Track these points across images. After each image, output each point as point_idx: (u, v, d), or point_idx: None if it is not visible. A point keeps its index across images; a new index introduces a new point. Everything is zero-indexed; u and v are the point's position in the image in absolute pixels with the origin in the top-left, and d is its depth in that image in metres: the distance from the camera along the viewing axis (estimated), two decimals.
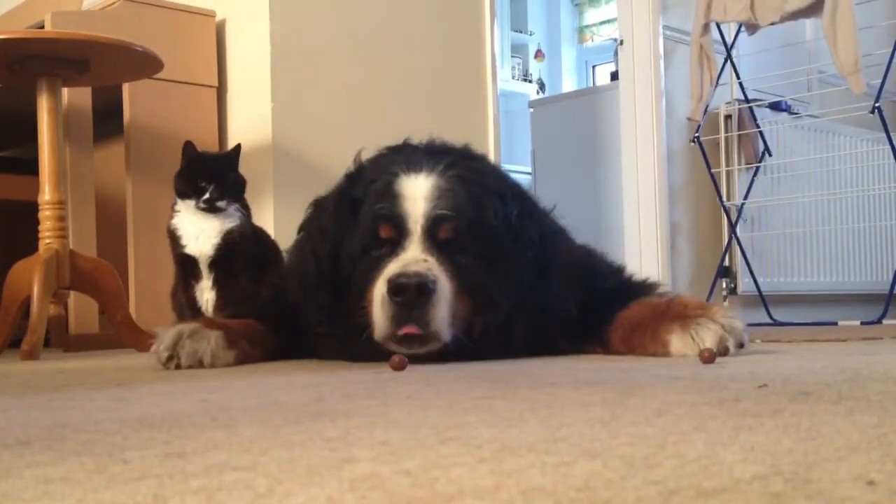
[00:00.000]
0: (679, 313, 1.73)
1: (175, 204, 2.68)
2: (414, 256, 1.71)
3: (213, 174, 2.62)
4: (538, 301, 1.83)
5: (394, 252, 1.74)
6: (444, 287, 1.68)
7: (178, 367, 1.72)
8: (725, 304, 4.36)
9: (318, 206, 1.97)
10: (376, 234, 1.77)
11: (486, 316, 1.77)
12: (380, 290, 1.68)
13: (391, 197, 1.78)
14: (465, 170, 1.85)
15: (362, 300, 1.75)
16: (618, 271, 2.06)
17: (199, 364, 1.73)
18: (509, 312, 1.81)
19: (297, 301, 1.92)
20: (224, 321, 1.91)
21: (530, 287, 1.82)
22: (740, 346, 1.68)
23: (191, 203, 2.62)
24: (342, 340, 1.82)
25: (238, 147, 2.75)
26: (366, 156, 2.01)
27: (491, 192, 1.84)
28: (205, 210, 2.61)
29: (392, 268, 1.69)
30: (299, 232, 2.03)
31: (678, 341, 1.69)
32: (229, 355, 1.79)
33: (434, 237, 1.74)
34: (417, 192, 1.77)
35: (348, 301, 1.79)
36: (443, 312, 1.67)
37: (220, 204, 2.61)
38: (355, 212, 1.84)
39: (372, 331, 1.71)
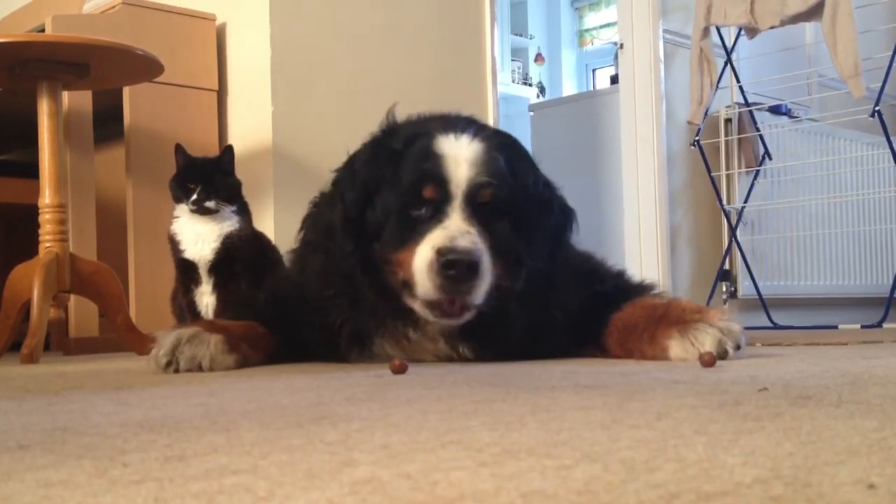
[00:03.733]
0: (677, 318, 1.73)
1: (174, 210, 2.69)
2: (460, 227, 1.73)
3: (201, 176, 2.62)
4: (547, 276, 1.87)
5: (436, 216, 1.75)
6: (487, 261, 1.72)
7: (176, 371, 1.71)
8: (725, 306, 4.36)
9: (350, 158, 1.96)
10: (419, 193, 1.77)
11: (514, 279, 1.81)
12: (426, 256, 1.70)
13: (435, 157, 1.79)
14: (502, 136, 1.92)
15: (393, 257, 1.77)
16: (617, 275, 2.07)
17: (199, 368, 1.72)
18: (547, 273, 1.86)
19: (319, 251, 1.92)
20: (225, 323, 1.89)
21: (548, 258, 1.87)
22: (737, 348, 1.68)
23: (185, 207, 2.63)
24: (365, 290, 1.83)
25: (229, 148, 2.75)
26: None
27: (525, 161, 1.91)
28: (195, 211, 2.61)
29: (440, 237, 1.71)
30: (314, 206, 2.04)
31: (677, 346, 1.69)
32: (229, 359, 1.78)
33: (474, 203, 1.77)
34: (461, 155, 1.79)
35: (377, 253, 1.81)
36: (486, 286, 1.72)
37: (209, 204, 2.60)
38: (392, 161, 1.84)
39: (405, 292, 1.75)
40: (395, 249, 1.77)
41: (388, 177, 1.82)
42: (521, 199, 1.83)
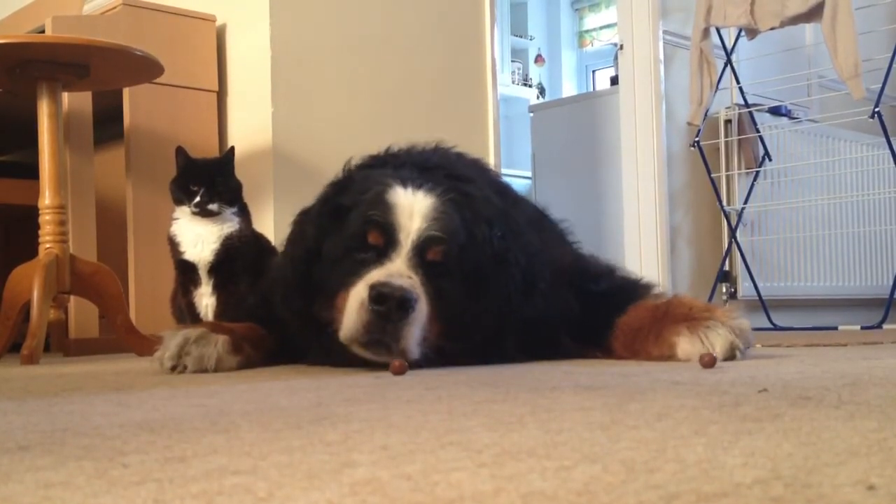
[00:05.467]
0: (685, 315, 1.71)
1: (174, 211, 2.69)
2: (399, 270, 1.68)
3: (203, 178, 2.61)
4: (526, 317, 1.82)
5: (378, 260, 1.71)
6: (423, 309, 1.65)
7: (181, 372, 1.71)
8: (726, 304, 4.36)
9: (304, 213, 1.97)
10: (364, 239, 1.74)
11: (458, 342, 1.75)
12: (359, 293, 1.64)
13: (385, 206, 1.75)
14: (458, 193, 1.83)
15: (334, 299, 1.73)
16: (609, 272, 2.04)
17: (204, 370, 1.72)
18: (497, 329, 1.80)
19: (277, 305, 1.91)
20: (229, 325, 1.89)
21: (516, 306, 1.81)
22: (746, 348, 1.69)
23: (186, 209, 2.62)
24: (314, 342, 1.82)
25: (231, 150, 2.75)
26: (355, 164, 2.02)
27: (481, 218, 1.82)
28: (197, 214, 2.61)
29: (376, 274, 1.66)
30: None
31: (686, 344, 1.67)
32: (234, 360, 1.78)
33: (422, 256, 1.72)
34: (413, 208, 1.75)
35: (319, 302, 1.78)
36: (416, 332, 1.64)
37: (212, 207, 2.60)
38: (339, 217, 1.81)
39: (335, 329, 1.69)
40: (336, 291, 1.73)
41: (333, 231, 1.80)
42: (472, 258, 1.76)
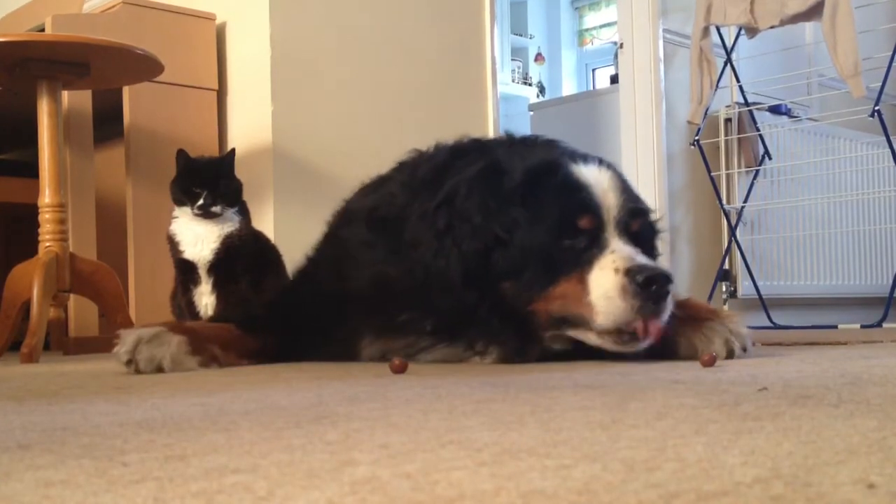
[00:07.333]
0: (691, 316, 1.74)
1: (174, 210, 2.69)
2: (630, 251, 1.69)
3: (206, 180, 2.61)
4: None
5: (594, 243, 1.70)
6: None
7: (137, 371, 1.69)
8: (724, 307, 4.36)
9: (447, 201, 1.79)
10: (573, 224, 1.71)
11: None
12: (611, 280, 1.63)
13: (584, 186, 1.74)
14: (611, 165, 1.87)
15: (544, 292, 1.70)
16: None
17: (159, 370, 1.70)
18: None
19: (414, 299, 1.79)
20: (193, 324, 1.87)
21: None
22: (744, 350, 1.70)
23: (187, 209, 2.62)
24: (500, 335, 1.75)
25: (232, 151, 2.75)
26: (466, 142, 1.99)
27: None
28: (200, 216, 2.61)
29: (616, 260, 1.65)
30: (343, 220, 2.01)
31: (687, 343, 1.71)
32: (192, 361, 1.76)
33: (627, 229, 1.74)
34: (604, 184, 1.75)
35: (512, 295, 1.72)
36: (671, 304, 1.67)
37: (215, 209, 2.60)
38: (516, 202, 1.74)
39: (564, 327, 1.70)
40: (548, 284, 1.70)
41: (515, 219, 1.73)
42: (652, 223, 1.84)
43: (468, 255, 1.73)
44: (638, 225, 1.77)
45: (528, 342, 1.75)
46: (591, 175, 1.76)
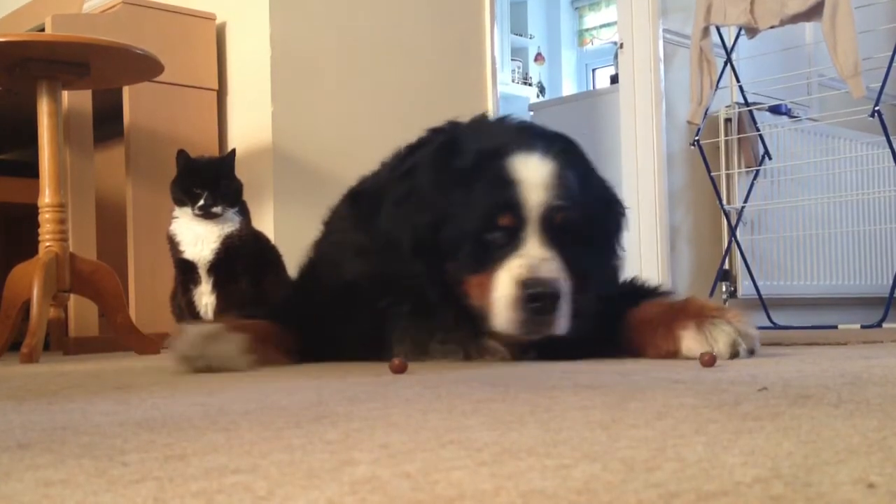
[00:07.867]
0: (695, 312, 1.73)
1: (174, 210, 2.69)
2: (538, 255, 1.71)
3: (207, 181, 2.61)
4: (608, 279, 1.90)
5: (511, 241, 1.73)
6: (567, 289, 1.71)
7: (198, 371, 1.66)
8: (726, 305, 4.36)
9: (409, 170, 1.88)
10: (494, 220, 1.75)
11: (586, 297, 1.79)
12: (507, 290, 1.68)
13: (510, 183, 1.75)
14: (568, 148, 1.88)
15: (468, 279, 1.76)
16: (631, 279, 2.07)
17: (219, 369, 1.67)
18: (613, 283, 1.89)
19: (372, 270, 1.85)
20: (244, 322, 1.86)
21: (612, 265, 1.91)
22: (751, 352, 1.68)
23: (188, 210, 2.62)
24: (430, 312, 1.80)
25: (232, 152, 2.75)
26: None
27: (591, 171, 1.91)
28: (201, 216, 2.61)
29: (519, 266, 1.69)
30: (351, 202, 2.02)
31: (691, 339, 1.69)
32: (249, 359, 1.74)
33: (550, 224, 1.75)
34: (536, 179, 1.76)
35: (449, 273, 1.78)
36: (566, 312, 1.70)
37: (216, 210, 2.61)
38: (461, 184, 1.79)
39: (469, 304, 1.75)
40: (471, 273, 1.76)
41: (459, 200, 1.78)
42: (590, 215, 1.83)
43: (419, 227, 1.80)
44: (560, 220, 1.76)
45: (475, 329, 1.79)
46: (529, 167, 1.77)
